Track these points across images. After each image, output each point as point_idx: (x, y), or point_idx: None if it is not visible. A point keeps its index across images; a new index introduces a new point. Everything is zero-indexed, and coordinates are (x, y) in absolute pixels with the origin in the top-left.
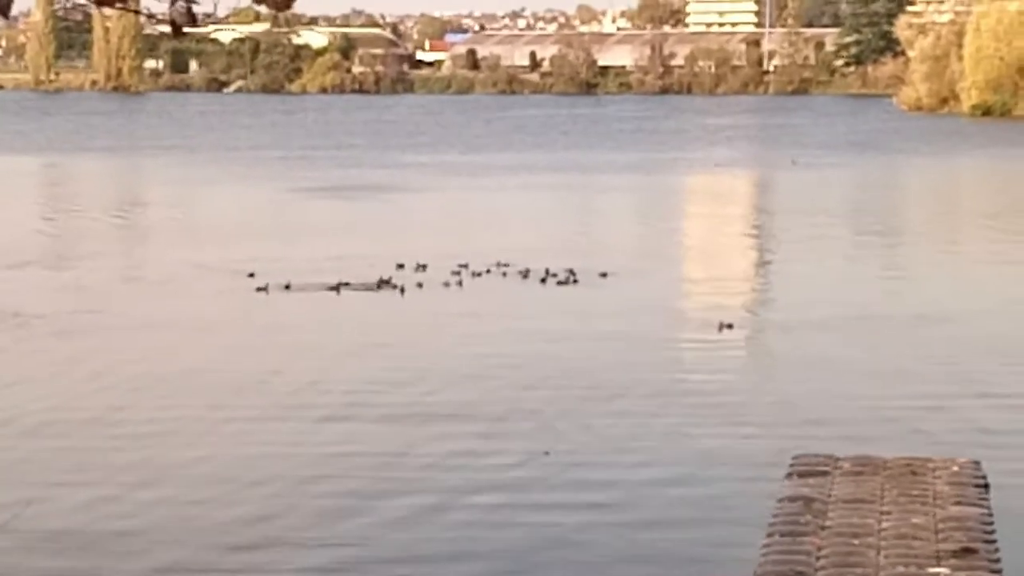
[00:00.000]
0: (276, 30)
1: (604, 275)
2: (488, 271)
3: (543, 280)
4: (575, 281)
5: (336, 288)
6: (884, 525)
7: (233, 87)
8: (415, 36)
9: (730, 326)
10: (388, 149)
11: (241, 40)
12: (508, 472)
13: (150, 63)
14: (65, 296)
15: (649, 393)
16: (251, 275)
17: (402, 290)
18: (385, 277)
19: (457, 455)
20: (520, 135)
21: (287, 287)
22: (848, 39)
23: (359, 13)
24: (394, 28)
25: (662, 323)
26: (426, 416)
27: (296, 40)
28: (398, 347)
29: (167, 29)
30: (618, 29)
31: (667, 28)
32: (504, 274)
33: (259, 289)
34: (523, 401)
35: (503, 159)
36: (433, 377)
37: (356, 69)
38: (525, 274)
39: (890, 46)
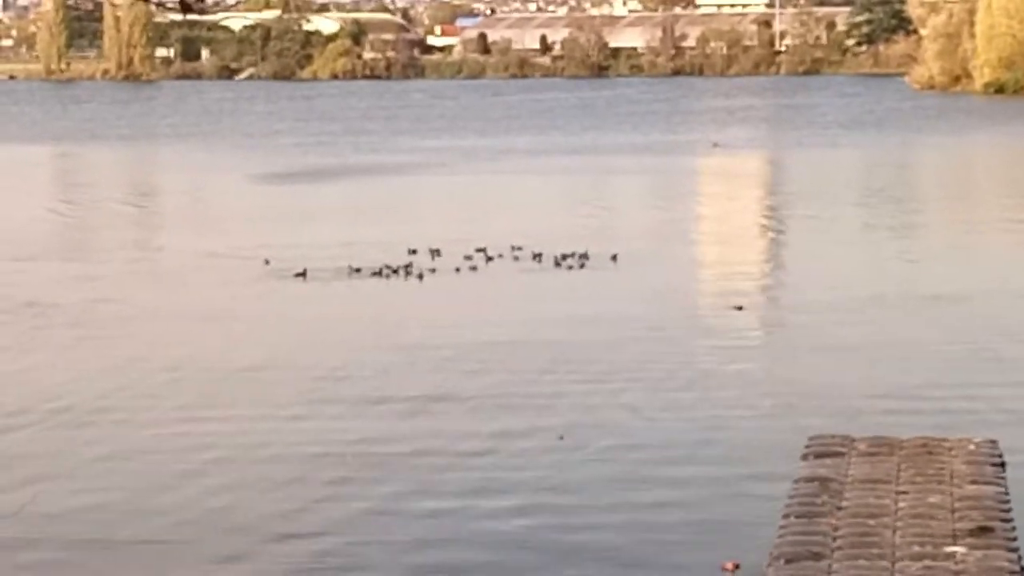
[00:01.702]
0: (287, 16)
1: (615, 258)
2: (501, 255)
3: (556, 264)
4: (588, 265)
5: (351, 274)
6: (900, 505)
7: (244, 74)
8: (426, 21)
9: (743, 308)
10: (402, 134)
11: (252, 27)
12: (524, 457)
13: (161, 52)
14: (80, 286)
15: (663, 376)
16: (267, 262)
17: (420, 276)
18: (399, 263)
19: (473, 439)
20: (532, 119)
21: (302, 274)
22: (860, 18)
23: None
24: (404, 13)
25: (675, 306)
26: (440, 401)
27: (307, 26)
28: (412, 334)
29: (177, 15)
30: (629, 11)
31: (678, 9)
32: (516, 258)
33: (275, 276)
34: (537, 385)
35: (515, 143)
36: (447, 364)
37: (367, 55)
38: (538, 258)
39: (902, 25)
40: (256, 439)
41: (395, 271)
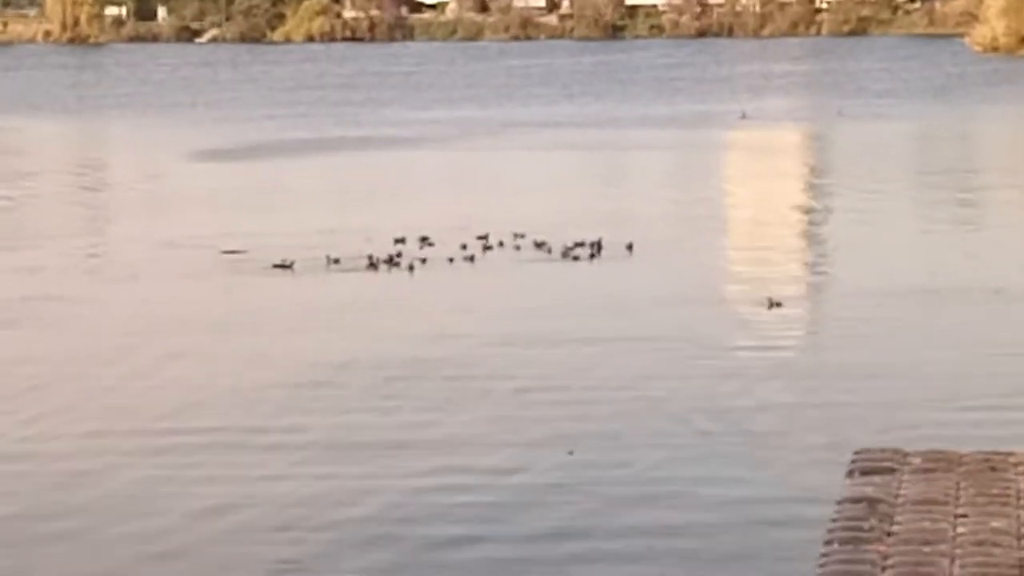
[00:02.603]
0: None
1: (630, 247)
2: (502, 244)
3: (564, 254)
4: (600, 255)
5: (329, 265)
6: (959, 530)
7: (207, 36)
8: None
9: (780, 304)
10: (389, 105)
11: None
12: (529, 473)
13: (111, 10)
14: (18, 280)
15: (690, 384)
16: (232, 252)
17: (410, 268)
18: (385, 254)
19: (472, 454)
20: (536, 87)
21: (288, 266)
22: None
23: None
24: None
25: (701, 302)
26: (433, 410)
27: None
28: (398, 335)
29: None
30: None
31: None
32: (518, 247)
33: (240, 269)
34: (544, 392)
35: (517, 115)
36: (437, 370)
37: (347, 14)
38: (543, 247)
39: None
40: (226, 447)
41: (383, 262)
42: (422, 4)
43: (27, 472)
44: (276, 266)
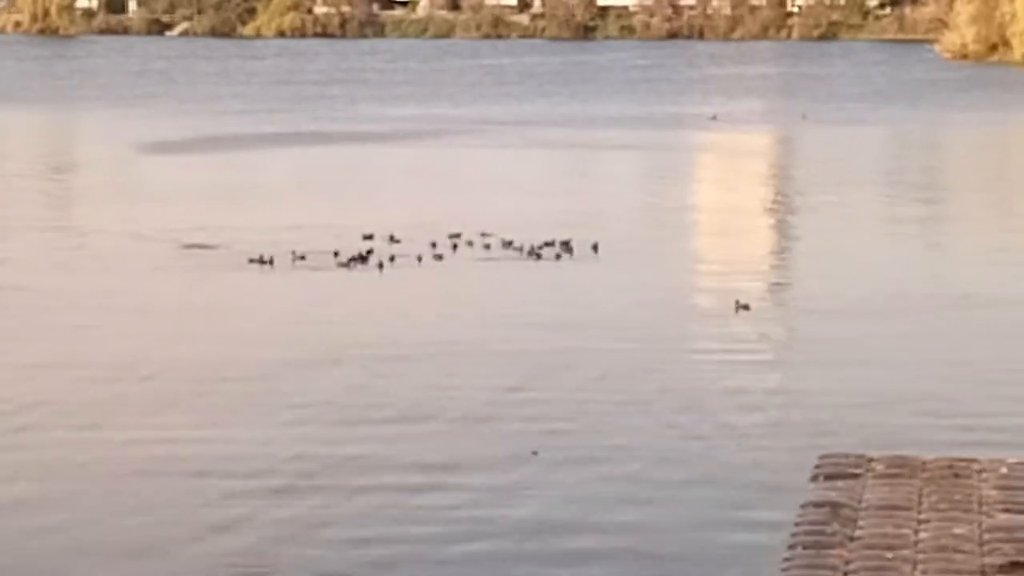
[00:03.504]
0: None
1: (596, 248)
2: (471, 243)
3: (532, 254)
4: (568, 255)
5: (295, 261)
6: (922, 535)
7: (177, 30)
8: None
9: (747, 307)
10: (361, 101)
11: None
12: (494, 475)
13: (82, 2)
14: None
15: (654, 385)
16: (199, 246)
17: (380, 266)
18: (353, 251)
19: (436, 454)
20: (507, 86)
21: (268, 261)
22: None
23: None
24: None
25: (668, 303)
26: (399, 417)
27: None
28: (365, 337)
29: None
30: None
31: None
32: (487, 246)
33: (206, 264)
34: (509, 395)
35: (487, 113)
36: (406, 371)
37: (319, 10)
38: (512, 246)
39: None
40: (187, 450)
41: (351, 259)
42: (393, 1)
43: None
44: (252, 261)
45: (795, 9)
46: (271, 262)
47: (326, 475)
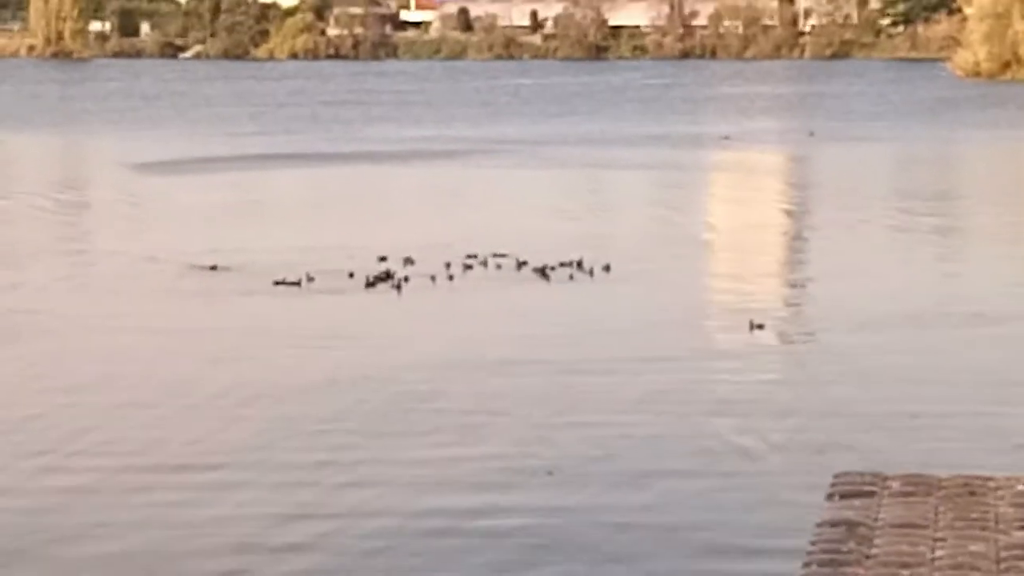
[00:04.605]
0: None
1: (608, 268)
2: (485, 263)
3: (545, 275)
4: (580, 275)
5: (317, 283)
6: (938, 553)
7: (190, 52)
8: None
9: (761, 326)
10: (377, 121)
11: None
12: (508, 494)
13: (95, 25)
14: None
15: (669, 404)
16: (213, 268)
17: (398, 287)
18: (367, 272)
19: (449, 472)
20: (519, 106)
21: (276, 283)
22: None
23: None
24: None
25: (682, 323)
26: (414, 435)
27: None
28: (377, 355)
29: None
30: None
31: None
32: (499, 266)
33: (224, 287)
34: (523, 414)
35: (501, 133)
36: (419, 392)
37: (331, 31)
38: (525, 267)
39: (943, 2)
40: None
41: (368, 283)
42: (406, 23)
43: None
44: (277, 283)
45: (807, 28)
46: (298, 284)
47: (347, 493)
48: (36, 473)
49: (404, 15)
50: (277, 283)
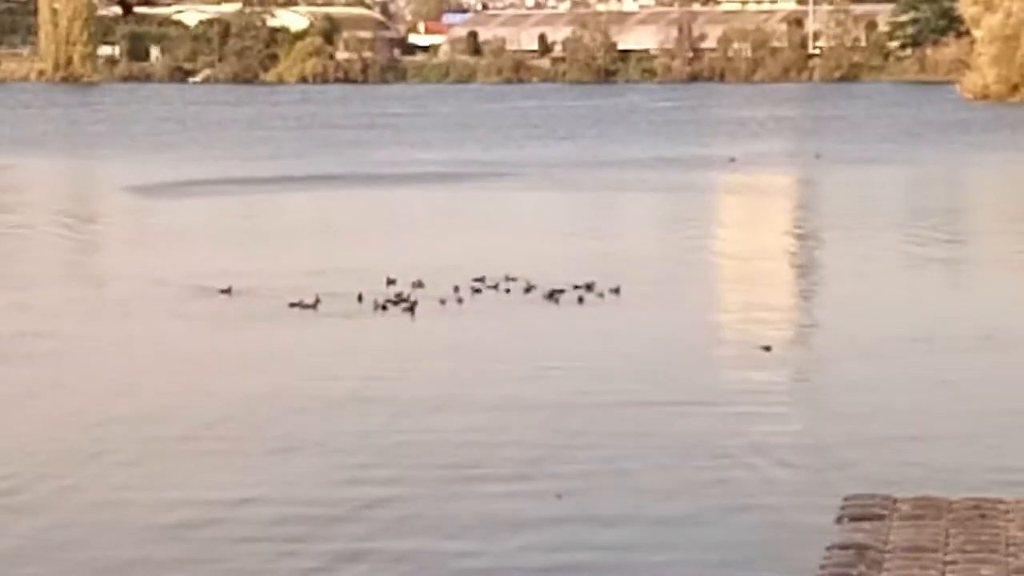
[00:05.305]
0: (249, 10)
1: (617, 291)
2: (494, 287)
3: (554, 298)
4: (590, 299)
5: (331, 306)
6: None
7: (200, 76)
8: (408, 17)
9: (769, 348)
10: (388, 144)
11: (208, 23)
12: (518, 516)
13: (104, 50)
14: (8, 317)
15: (676, 427)
16: (225, 291)
17: (412, 309)
18: (378, 295)
19: (462, 501)
20: (529, 129)
21: (311, 306)
22: (904, 17)
23: None
24: (384, 8)
25: (692, 346)
26: (423, 460)
27: (271, 22)
28: (384, 381)
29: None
30: (640, 7)
31: (696, 6)
32: (508, 290)
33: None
34: (532, 439)
35: (511, 156)
36: (429, 418)
37: (340, 55)
38: (534, 290)
39: (952, 25)
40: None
41: (379, 306)
42: (415, 46)
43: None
44: (292, 305)
45: (816, 51)
46: (314, 306)
47: (355, 519)
48: (52, 494)
49: (413, 39)
50: (292, 305)
